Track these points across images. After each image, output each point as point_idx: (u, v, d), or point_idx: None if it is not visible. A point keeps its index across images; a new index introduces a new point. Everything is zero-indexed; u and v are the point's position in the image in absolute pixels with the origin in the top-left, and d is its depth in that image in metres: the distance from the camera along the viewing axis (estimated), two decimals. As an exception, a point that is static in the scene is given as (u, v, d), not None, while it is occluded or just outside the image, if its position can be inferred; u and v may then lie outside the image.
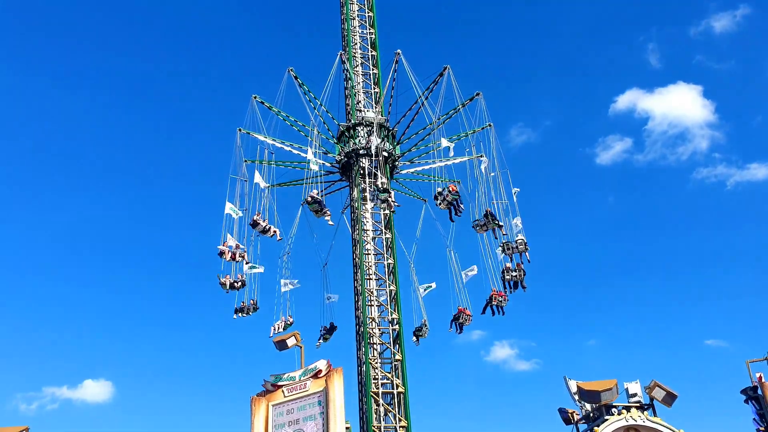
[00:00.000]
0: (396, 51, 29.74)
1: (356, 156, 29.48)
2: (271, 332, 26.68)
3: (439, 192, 25.20)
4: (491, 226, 24.97)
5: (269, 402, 16.51)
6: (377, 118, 30.07)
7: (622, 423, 15.44)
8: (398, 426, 25.75)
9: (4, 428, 19.70)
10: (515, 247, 24.62)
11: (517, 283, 25.33)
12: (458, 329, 27.34)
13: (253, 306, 27.24)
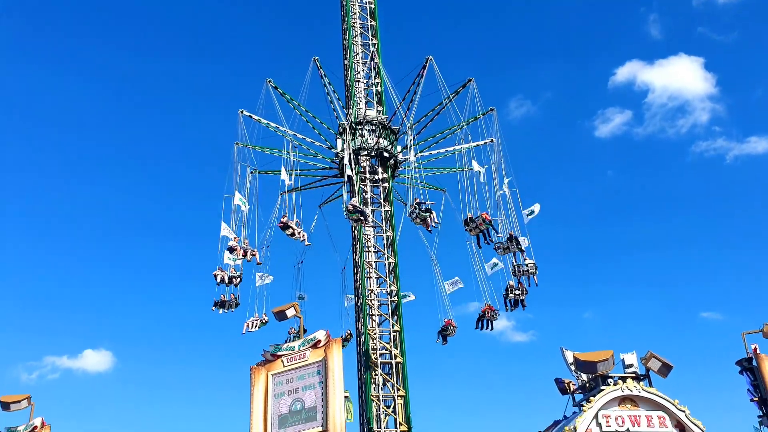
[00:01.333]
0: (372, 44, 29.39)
1: (357, 155, 29.32)
2: (244, 329, 26.29)
3: (471, 218, 24.15)
4: (513, 249, 24.57)
5: (269, 372, 16.67)
6: (378, 117, 29.89)
7: (618, 393, 15.59)
8: (396, 395, 26.06)
9: (6, 396, 19.95)
10: (526, 270, 24.38)
11: (517, 302, 25.36)
12: (443, 341, 27.30)
13: (234, 301, 26.52)
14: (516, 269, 24.61)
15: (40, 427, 19.39)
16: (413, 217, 24.32)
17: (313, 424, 15.34)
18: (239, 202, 26.68)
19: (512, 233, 24.54)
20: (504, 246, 24.52)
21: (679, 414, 15.56)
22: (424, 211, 24.26)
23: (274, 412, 16.00)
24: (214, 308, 26.58)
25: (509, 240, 24.44)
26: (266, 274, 26.92)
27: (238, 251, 25.04)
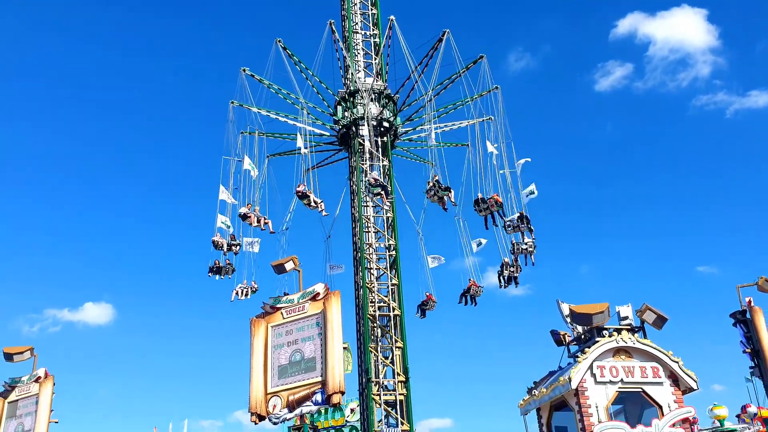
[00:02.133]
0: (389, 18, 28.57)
1: (355, 126, 28.93)
2: (233, 296, 26.29)
3: (482, 199, 23.66)
4: (523, 229, 23.98)
5: (268, 323, 16.83)
6: (377, 85, 29.34)
7: (613, 345, 15.79)
8: (394, 346, 26.44)
9: (9, 347, 20.19)
10: (525, 249, 23.95)
11: (511, 279, 25.33)
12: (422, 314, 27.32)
13: (230, 267, 26.49)
14: (515, 248, 24.24)
15: (44, 377, 19.66)
16: (431, 194, 24.08)
17: (313, 374, 15.55)
18: (249, 167, 26.11)
19: (523, 212, 23.95)
20: (514, 225, 23.92)
21: (673, 365, 15.80)
22: (444, 189, 24.06)
23: (274, 362, 16.21)
24: (210, 274, 26.63)
25: (519, 219, 23.88)
26: (255, 239, 26.49)
27: (252, 219, 24.50)
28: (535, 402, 16.95)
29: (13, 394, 20.14)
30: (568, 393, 15.56)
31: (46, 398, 19.28)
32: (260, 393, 15.97)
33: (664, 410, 15.38)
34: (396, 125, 29.48)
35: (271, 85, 29.20)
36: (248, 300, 26.42)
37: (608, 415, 15.15)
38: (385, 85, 29.53)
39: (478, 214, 24.08)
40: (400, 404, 25.43)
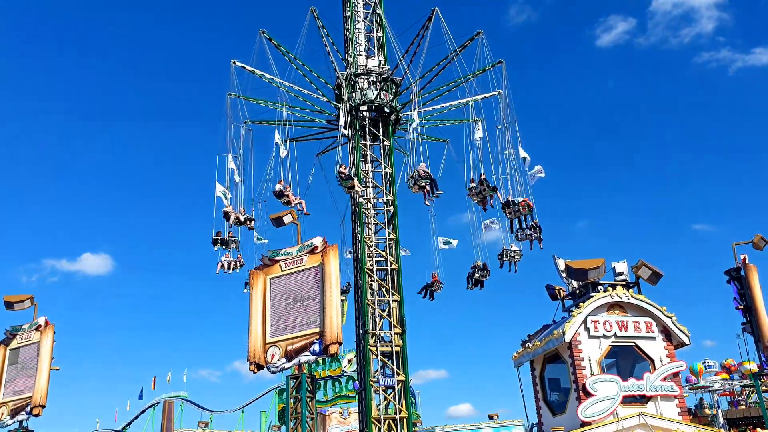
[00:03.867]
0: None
1: (356, 110, 28.48)
2: (218, 269, 26.37)
3: (512, 202, 22.83)
4: (536, 237, 23.02)
5: (267, 276, 16.95)
6: (373, 67, 28.79)
7: (607, 300, 15.96)
8: (391, 300, 26.72)
9: (9, 296, 20.36)
10: (529, 234, 22.96)
11: (511, 264, 25.15)
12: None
13: (233, 240, 26.63)
14: (519, 233, 23.40)
15: (44, 326, 19.87)
16: (474, 193, 23.58)
17: (311, 325, 15.74)
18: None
19: (528, 200, 23.04)
20: (514, 210, 23.06)
21: (666, 320, 16.01)
22: (492, 189, 23.24)
23: (273, 313, 16.38)
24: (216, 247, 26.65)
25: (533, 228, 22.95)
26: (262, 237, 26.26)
27: (289, 197, 23.55)
28: (529, 355, 17.22)
29: (14, 341, 20.38)
30: (562, 346, 15.80)
31: (46, 346, 19.52)
32: (259, 343, 16.18)
33: (656, 364, 15.64)
34: (397, 108, 29.14)
35: (263, 75, 28.66)
36: (246, 253, 26.49)
37: (601, 369, 15.42)
38: (387, 68, 29.07)
39: (506, 216, 23.33)
40: (396, 355, 25.83)
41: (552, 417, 16.42)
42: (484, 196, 22.99)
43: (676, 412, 15.32)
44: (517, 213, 22.73)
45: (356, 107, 28.31)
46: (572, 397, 15.51)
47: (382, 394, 25.37)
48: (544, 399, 17.06)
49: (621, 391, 15.00)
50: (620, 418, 14.56)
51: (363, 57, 29.06)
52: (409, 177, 23.93)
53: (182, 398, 52.27)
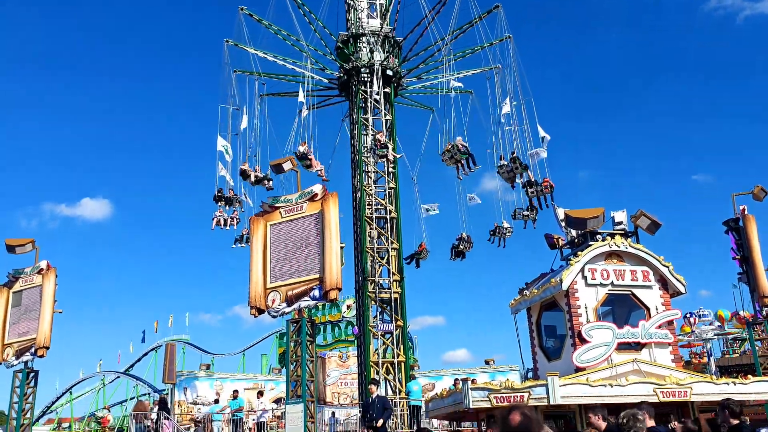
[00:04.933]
0: None
1: (357, 73, 27.81)
2: (213, 224, 26.38)
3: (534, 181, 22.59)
4: (519, 171, 22.87)
5: (267, 222, 17.01)
6: (382, 28, 27.96)
7: (605, 249, 16.02)
8: (390, 248, 26.93)
9: (10, 239, 20.47)
10: (540, 190, 22.77)
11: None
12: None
13: (237, 198, 26.52)
14: (529, 190, 23.22)
15: (46, 269, 20.04)
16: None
17: (311, 272, 15.89)
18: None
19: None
20: (507, 170, 23.07)
21: (663, 269, 16.12)
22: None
23: (273, 259, 16.52)
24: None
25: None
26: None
27: (312, 162, 23.81)
28: (526, 302, 17.41)
29: (17, 284, 20.59)
30: (559, 294, 15.97)
31: (49, 289, 19.73)
32: (260, 288, 16.36)
33: (652, 312, 15.83)
34: (401, 73, 28.64)
35: (270, 25, 28.09)
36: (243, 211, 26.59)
37: (596, 316, 15.61)
38: (391, 29, 28.38)
39: (527, 195, 23.26)
40: (395, 302, 26.21)
41: (547, 362, 16.71)
42: (514, 174, 22.81)
43: (670, 359, 15.58)
44: (539, 192, 22.75)
45: (357, 69, 27.95)
46: (568, 343, 15.76)
47: (380, 339, 25.83)
48: (540, 345, 17.33)
49: (616, 338, 15.23)
50: (614, 364, 14.82)
51: (365, 18, 28.54)
52: (444, 150, 23.68)
53: (184, 341, 53.20)
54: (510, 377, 23.31)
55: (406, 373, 25.60)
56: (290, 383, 15.65)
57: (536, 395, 13.81)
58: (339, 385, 37.90)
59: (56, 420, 55.10)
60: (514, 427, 4.50)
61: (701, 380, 14.79)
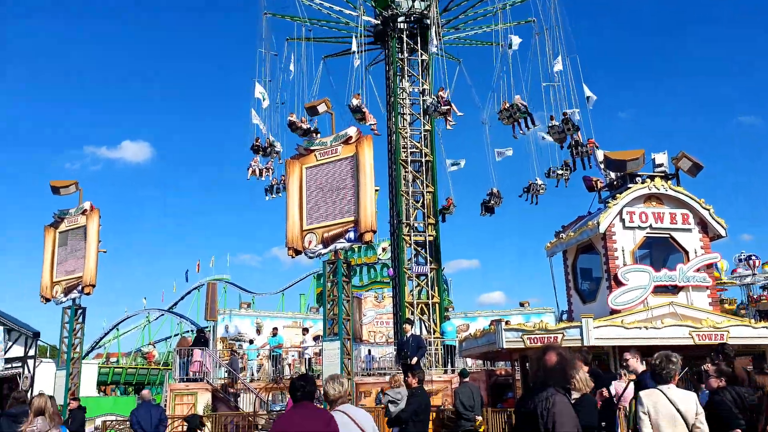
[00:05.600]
0: None
1: (394, 21, 26.98)
2: (248, 174, 26.38)
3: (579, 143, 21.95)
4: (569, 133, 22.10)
5: (303, 165, 17.08)
6: None
7: (644, 191, 15.75)
8: (425, 191, 26.90)
9: (55, 181, 21.00)
10: (584, 151, 22.04)
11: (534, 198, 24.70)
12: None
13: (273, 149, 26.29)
14: (574, 150, 22.47)
15: (90, 210, 20.57)
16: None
17: (346, 214, 16.00)
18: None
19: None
20: (559, 129, 22.28)
21: (703, 212, 15.83)
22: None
23: (309, 202, 16.67)
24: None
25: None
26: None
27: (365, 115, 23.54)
28: (562, 245, 17.34)
29: (63, 224, 21.22)
30: (596, 237, 15.85)
31: (93, 229, 20.29)
32: (296, 230, 16.57)
33: (690, 256, 15.64)
34: (440, 22, 27.88)
35: None
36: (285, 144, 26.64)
37: (634, 259, 15.50)
38: None
39: (571, 155, 22.67)
40: (430, 245, 26.33)
41: (582, 305, 16.74)
42: (564, 136, 22.31)
43: (707, 302, 15.46)
44: (584, 153, 22.17)
45: (395, 17, 27.42)
46: (603, 286, 15.73)
47: (415, 281, 26.10)
48: (575, 288, 17.34)
49: (653, 281, 15.13)
50: (650, 307, 14.78)
51: None
52: (501, 109, 23.20)
53: (225, 281, 54.56)
54: (544, 319, 23.42)
55: (440, 314, 25.93)
56: (327, 322, 16.01)
57: (570, 336, 13.89)
58: (375, 325, 38.66)
59: (104, 354, 57.57)
60: (550, 367, 4.57)
61: (739, 323, 14.67)
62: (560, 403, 4.42)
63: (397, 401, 9.79)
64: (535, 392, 4.59)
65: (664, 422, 5.42)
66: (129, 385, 44.62)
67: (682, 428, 5.41)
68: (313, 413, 5.32)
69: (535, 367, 4.74)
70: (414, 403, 9.50)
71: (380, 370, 25.54)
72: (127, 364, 49.70)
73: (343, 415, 5.48)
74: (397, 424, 9.75)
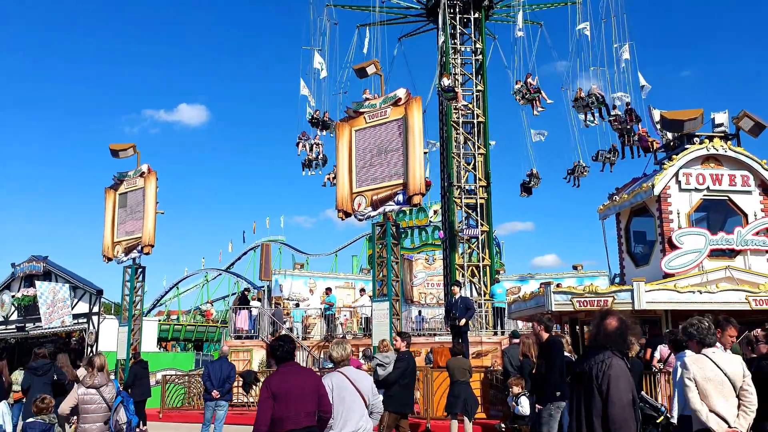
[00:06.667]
0: None
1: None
2: (299, 149, 26.44)
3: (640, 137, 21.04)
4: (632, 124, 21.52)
5: (352, 127, 17.14)
6: None
7: (702, 152, 15.23)
8: (477, 153, 26.66)
9: (114, 144, 21.68)
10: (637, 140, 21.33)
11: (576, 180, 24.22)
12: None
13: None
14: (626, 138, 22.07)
15: (147, 172, 21.20)
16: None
17: (395, 177, 16.04)
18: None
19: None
20: (621, 119, 21.82)
21: (765, 174, 15.23)
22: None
23: (358, 164, 16.77)
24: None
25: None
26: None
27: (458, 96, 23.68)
28: (615, 207, 17.02)
29: (122, 186, 21.96)
30: (650, 199, 15.49)
31: (151, 191, 20.93)
32: (346, 192, 16.74)
33: (749, 219, 15.15)
34: None
35: None
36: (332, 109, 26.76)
37: (689, 222, 15.11)
38: None
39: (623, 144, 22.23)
40: (481, 207, 26.20)
41: (635, 268, 16.47)
42: (628, 126, 21.67)
43: (767, 267, 14.99)
44: (634, 142, 21.66)
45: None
46: (657, 249, 15.41)
47: (465, 243, 26.09)
48: (628, 251, 17.04)
49: (709, 244, 14.74)
50: (705, 271, 14.43)
51: None
52: (577, 97, 22.79)
53: (280, 242, 55.60)
54: (597, 283, 23.16)
55: (491, 276, 25.89)
56: (376, 283, 16.23)
57: (620, 300, 13.73)
58: (425, 286, 38.91)
59: (166, 312, 59.77)
60: (610, 331, 4.58)
61: (800, 289, 14.18)
62: (617, 366, 4.41)
63: (386, 365, 10.22)
64: (591, 354, 4.60)
65: (710, 386, 5.36)
66: (188, 342, 46.31)
67: (729, 392, 5.34)
68: (302, 372, 5.91)
69: (595, 330, 4.75)
70: (401, 367, 9.97)
71: (430, 330, 25.85)
72: (187, 322, 51.48)
73: (342, 375, 6.00)
74: (384, 387, 10.10)
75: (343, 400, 5.80)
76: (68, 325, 25.20)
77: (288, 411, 5.45)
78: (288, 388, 5.56)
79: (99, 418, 6.94)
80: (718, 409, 5.25)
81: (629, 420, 4.26)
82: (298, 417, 5.45)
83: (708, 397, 5.34)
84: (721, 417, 5.21)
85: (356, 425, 5.79)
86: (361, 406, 5.90)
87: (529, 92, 23.00)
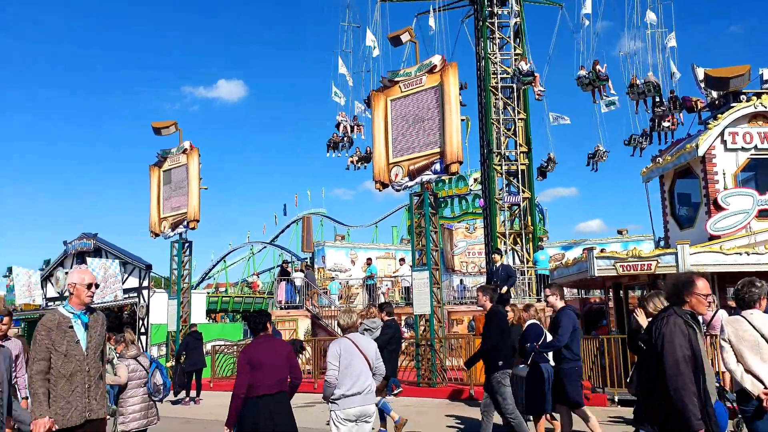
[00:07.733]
0: None
1: None
2: (341, 129, 26.11)
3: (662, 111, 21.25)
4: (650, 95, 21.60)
5: (387, 97, 17.09)
6: None
7: (750, 110, 14.69)
8: (517, 118, 26.28)
9: (156, 122, 22.11)
10: (668, 127, 21.41)
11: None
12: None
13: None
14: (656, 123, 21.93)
15: (189, 149, 21.59)
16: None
17: (431, 146, 15.99)
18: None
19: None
20: (659, 113, 21.64)
21: (817, 130, 14.69)
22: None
23: (394, 134, 16.75)
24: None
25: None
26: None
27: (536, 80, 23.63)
28: (659, 170, 16.65)
29: (165, 164, 22.42)
30: (694, 160, 15.10)
31: (194, 168, 21.34)
32: (383, 163, 16.78)
33: (800, 177, 14.66)
34: None
35: None
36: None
37: (735, 182, 14.69)
38: None
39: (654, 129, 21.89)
40: (522, 174, 25.92)
41: (679, 231, 16.15)
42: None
43: (819, 227, 14.51)
44: (665, 129, 21.57)
45: None
46: (702, 211, 15.06)
47: (507, 211, 25.91)
48: (672, 214, 16.70)
49: (757, 204, 14.33)
50: (753, 232, 14.05)
51: None
52: (632, 84, 22.32)
53: (321, 214, 56.05)
54: (641, 247, 22.82)
55: (534, 243, 25.72)
56: (416, 252, 16.31)
57: (664, 263, 13.50)
58: (466, 255, 38.88)
59: (214, 285, 61.12)
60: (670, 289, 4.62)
61: None
62: (672, 323, 4.37)
63: (373, 330, 10.45)
64: (660, 314, 4.63)
65: (746, 347, 5.30)
66: (236, 313, 47.38)
67: (766, 352, 5.27)
68: (275, 342, 6.49)
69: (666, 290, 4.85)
70: (388, 333, 10.35)
71: (472, 299, 25.86)
72: (234, 293, 52.59)
73: (349, 341, 6.49)
74: None
75: (350, 363, 6.34)
76: (120, 299, 26.06)
77: (262, 377, 6.06)
78: (261, 356, 6.15)
79: (141, 383, 8.00)
80: (754, 369, 5.18)
81: (684, 376, 4.19)
82: (271, 383, 6.08)
83: (743, 357, 5.29)
84: (758, 377, 5.15)
85: (362, 386, 6.32)
86: (366, 368, 6.42)
87: (597, 79, 22.71)
